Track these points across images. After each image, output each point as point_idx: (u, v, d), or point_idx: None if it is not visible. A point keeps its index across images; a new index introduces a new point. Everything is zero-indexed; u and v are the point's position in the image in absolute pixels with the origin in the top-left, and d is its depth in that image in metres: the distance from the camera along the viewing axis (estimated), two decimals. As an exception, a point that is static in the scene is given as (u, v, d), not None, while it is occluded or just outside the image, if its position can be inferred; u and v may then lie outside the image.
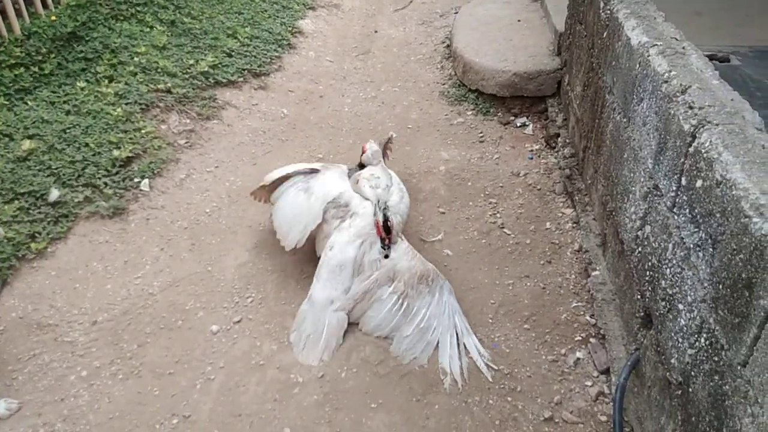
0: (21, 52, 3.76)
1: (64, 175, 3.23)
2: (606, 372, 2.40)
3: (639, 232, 2.24)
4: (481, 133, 4.02)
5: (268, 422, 2.28)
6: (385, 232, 2.69)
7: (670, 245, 1.92)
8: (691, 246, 1.75)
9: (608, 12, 2.86)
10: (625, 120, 2.50)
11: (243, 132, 4.07)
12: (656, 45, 2.28)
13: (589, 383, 2.38)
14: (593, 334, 2.56)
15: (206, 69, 4.32)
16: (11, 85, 3.66)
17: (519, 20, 4.86)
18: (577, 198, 3.21)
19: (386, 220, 2.69)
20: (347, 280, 2.66)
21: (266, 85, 4.54)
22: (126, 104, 3.79)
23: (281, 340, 2.61)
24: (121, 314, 2.72)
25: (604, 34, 2.90)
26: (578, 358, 2.48)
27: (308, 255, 2.90)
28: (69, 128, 3.50)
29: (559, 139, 3.74)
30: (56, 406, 2.35)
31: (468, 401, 2.33)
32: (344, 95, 4.61)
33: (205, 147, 3.86)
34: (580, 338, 2.56)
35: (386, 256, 2.70)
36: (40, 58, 3.85)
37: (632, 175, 2.36)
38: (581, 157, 3.33)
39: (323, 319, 2.59)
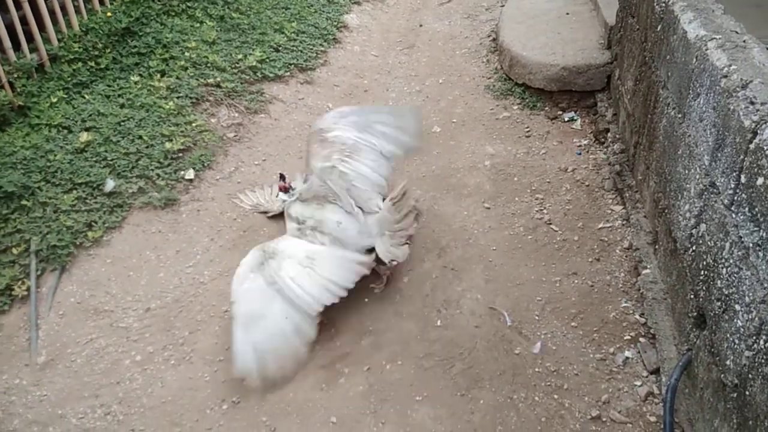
0: (79, 47, 3.89)
1: (119, 166, 3.34)
2: (656, 372, 2.35)
3: (693, 231, 2.19)
4: (527, 127, 3.97)
5: (315, 411, 2.32)
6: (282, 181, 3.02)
7: (727, 244, 1.87)
8: (750, 245, 1.71)
9: (663, 4, 2.78)
10: (680, 115, 2.44)
11: (289, 126, 4.12)
12: (715, 38, 2.21)
13: (638, 383, 2.34)
14: (643, 334, 2.52)
15: (254, 64, 4.39)
16: (70, 79, 3.80)
17: (567, 13, 4.77)
18: (627, 195, 3.15)
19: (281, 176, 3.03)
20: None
21: (312, 80, 4.58)
22: (177, 98, 3.89)
23: (327, 331, 2.65)
24: (173, 302, 2.81)
25: (659, 28, 2.83)
26: (627, 358, 2.44)
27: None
28: (123, 121, 3.61)
29: (609, 134, 3.67)
30: (112, 389, 2.44)
31: (513, 397, 2.32)
32: (389, 89, 4.62)
33: (253, 140, 3.93)
34: (629, 337, 2.52)
35: (284, 201, 2.97)
36: (96, 53, 3.98)
37: (687, 171, 2.31)
38: (632, 153, 3.26)
39: None
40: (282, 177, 3.07)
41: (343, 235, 2.71)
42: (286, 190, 3.04)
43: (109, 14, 4.13)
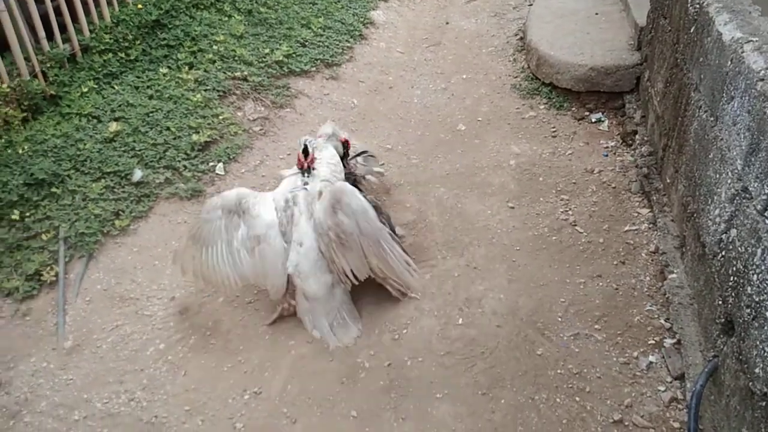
0: (110, 38, 3.95)
1: (146, 156, 3.38)
2: (680, 378, 2.32)
3: (723, 236, 2.15)
4: (553, 127, 3.94)
5: (336, 404, 2.33)
6: (304, 156, 2.71)
7: (759, 250, 1.84)
8: (785, 252, 1.68)
9: (697, 6, 2.74)
10: (712, 119, 2.40)
11: (314, 121, 4.14)
12: (751, 41, 2.17)
13: (662, 388, 2.31)
14: (668, 338, 2.49)
15: (281, 58, 4.41)
16: (100, 69, 3.86)
17: (596, 13, 4.73)
18: (654, 198, 3.11)
19: (305, 148, 2.72)
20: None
21: (338, 75, 4.60)
22: (205, 90, 3.93)
23: (349, 326, 2.66)
24: (198, 291, 2.84)
25: (692, 29, 2.78)
26: (651, 362, 2.41)
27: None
28: (152, 112, 3.66)
29: (637, 136, 3.62)
30: (136, 376, 2.48)
31: (535, 398, 2.31)
32: (414, 86, 4.62)
33: (278, 134, 3.95)
34: (654, 342, 2.49)
35: (305, 184, 2.70)
36: (126, 44, 4.03)
37: (718, 176, 2.27)
38: (660, 155, 3.22)
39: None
40: (306, 149, 2.73)
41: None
42: (305, 169, 2.74)
43: (139, 6, 4.18)
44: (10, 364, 2.51)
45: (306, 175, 2.74)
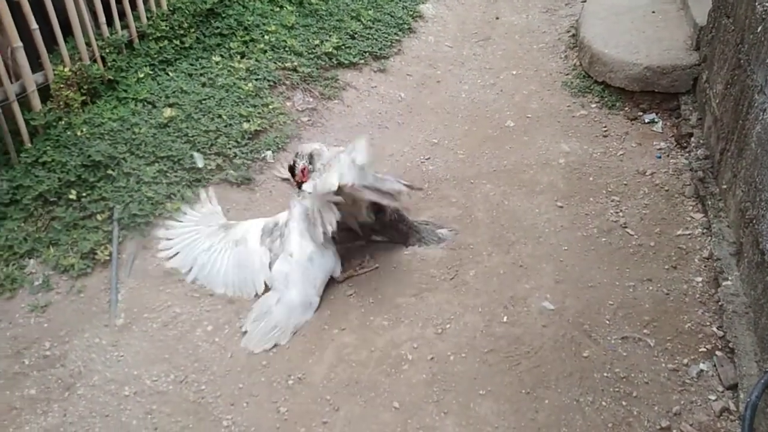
0: (166, 26, 4.03)
1: (198, 143, 3.45)
2: (733, 388, 2.26)
3: (787, 244, 2.08)
4: (605, 127, 3.86)
5: (378, 394, 2.35)
6: (291, 174, 2.91)
7: (827, 260, 1.77)
8: None
9: (766, 5, 2.65)
10: (778, 122, 2.32)
11: (361, 113, 4.15)
12: (826, 42, 2.09)
13: (712, 397, 2.25)
14: (720, 347, 2.42)
15: (330, 50, 4.43)
16: (156, 56, 3.94)
17: (653, 11, 4.60)
18: (709, 203, 3.02)
19: (292, 165, 2.91)
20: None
21: (385, 68, 4.59)
22: (256, 80, 3.98)
23: (391, 316, 2.67)
24: (245, 276, 2.88)
25: (759, 29, 2.69)
26: (701, 370, 2.35)
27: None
28: (204, 99, 3.72)
29: (692, 138, 3.52)
30: (184, 355, 2.54)
31: (580, 400, 2.28)
32: (462, 81, 4.58)
33: (326, 126, 3.98)
34: (705, 350, 2.43)
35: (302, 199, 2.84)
36: (182, 32, 4.11)
37: (783, 181, 2.19)
38: (717, 159, 3.13)
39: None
40: (291, 168, 2.94)
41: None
42: (297, 185, 2.91)
43: (195, -6, 4.25)
44: (66, 339, 2.60)
45: (299, 189, 2.89)
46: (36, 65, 3.30)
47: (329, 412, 2.30)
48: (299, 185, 2.90)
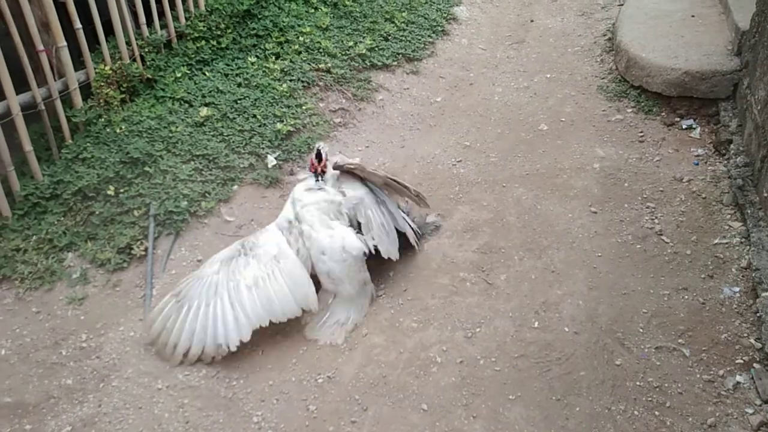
0: (203, 26, 4.10)
1: (233, 142, 3.50)
2: (771, 402, 2.20)
3: (831, 255, 2.02)
4: (641, 132, 3.80)
5: (407, 396, 2.35)
6: (318, 161, 2.85)
7: None
8: None
9: (813, 9, 2.58)
10: (824, 130, 2.25)
11: (393, 115, 4.16)
12: None
13: (749, 410, 2.20)
14: (758, 359, 2.36)
15: (364, 51, 4.45)
16: (193, 56, 4.01)
17: (692, 15, 4.51)
18: (749, 211, 2.95)
19: (318, 152, 2.85)
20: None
21: (418, 70, 4.60)
22: (290, 81, 4.02)
23: (421, 318, 2.67)
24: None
25: (805, 34, 2.62)
26: (738, 382, 2.30)
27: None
28: (240, 99, 3.78)
29: (732, 146, 3.44)
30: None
31: (611, 409, 2.24)
32: (495, 84, 4.56)
33: (358, 127, 4.00)
34: (742, 362, 2.37)
35: (320, 188, 2.85)
36: (219, 32, 4.17)
37: (828, 191, 2.13)
38: (758, 167, 3.05)
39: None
40: (318, 154, 2.85)
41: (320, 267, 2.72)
42: (318, 173, 2.87)
43: (232, -4, 4.31)
44: (101, 331, 2.66)
45: (320, 179, 2.87)
46: (78, 63, 3.39)
47: (358, 411, 2.31)
48: (321, 174, 2.88)
